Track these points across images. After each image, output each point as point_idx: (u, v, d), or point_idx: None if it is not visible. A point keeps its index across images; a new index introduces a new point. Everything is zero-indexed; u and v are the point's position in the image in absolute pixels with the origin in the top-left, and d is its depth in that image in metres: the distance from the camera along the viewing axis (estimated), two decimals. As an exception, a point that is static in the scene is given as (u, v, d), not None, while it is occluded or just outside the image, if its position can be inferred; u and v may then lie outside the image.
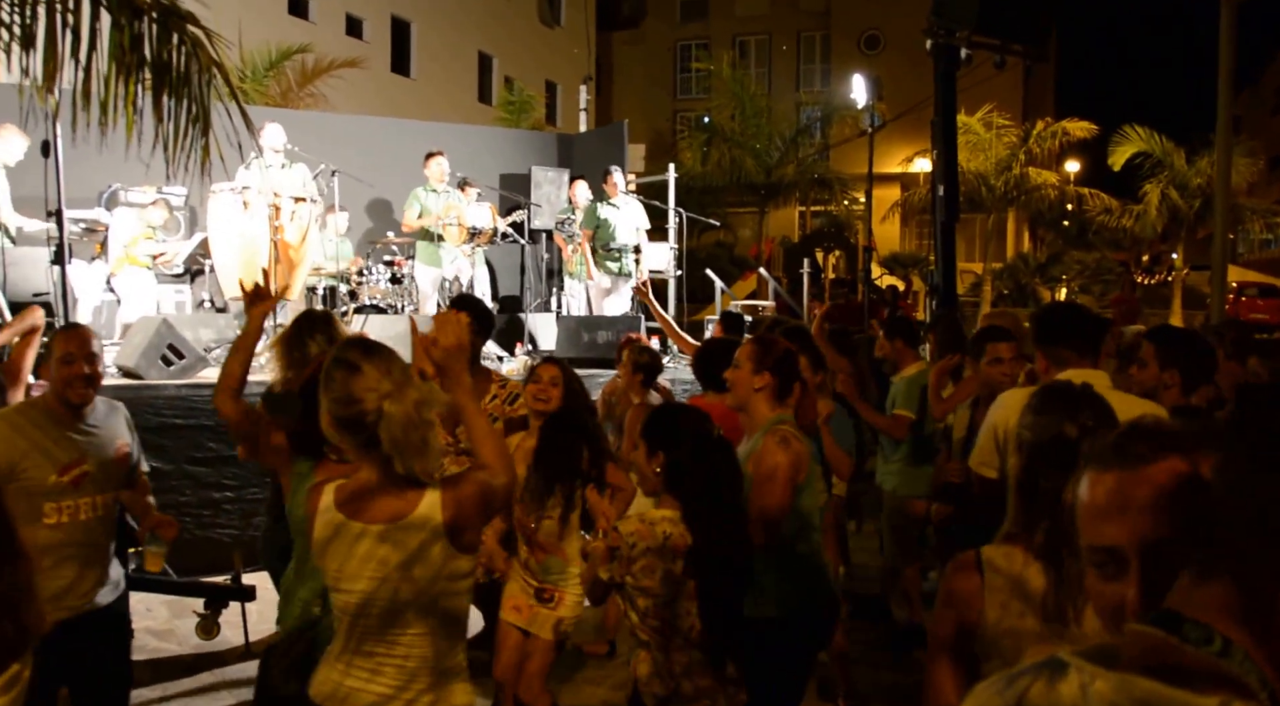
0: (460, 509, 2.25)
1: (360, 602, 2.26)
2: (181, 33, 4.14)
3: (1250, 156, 26.22)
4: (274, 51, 18.60)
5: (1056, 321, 3.36)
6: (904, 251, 30.22)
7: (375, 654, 2.29)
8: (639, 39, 39.13)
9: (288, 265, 7.95)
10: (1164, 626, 0.94)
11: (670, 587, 2.77)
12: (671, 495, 2.85)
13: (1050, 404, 2.12)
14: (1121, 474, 1.11)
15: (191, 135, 4.28)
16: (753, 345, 3.44)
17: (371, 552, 2.25)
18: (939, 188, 9.89)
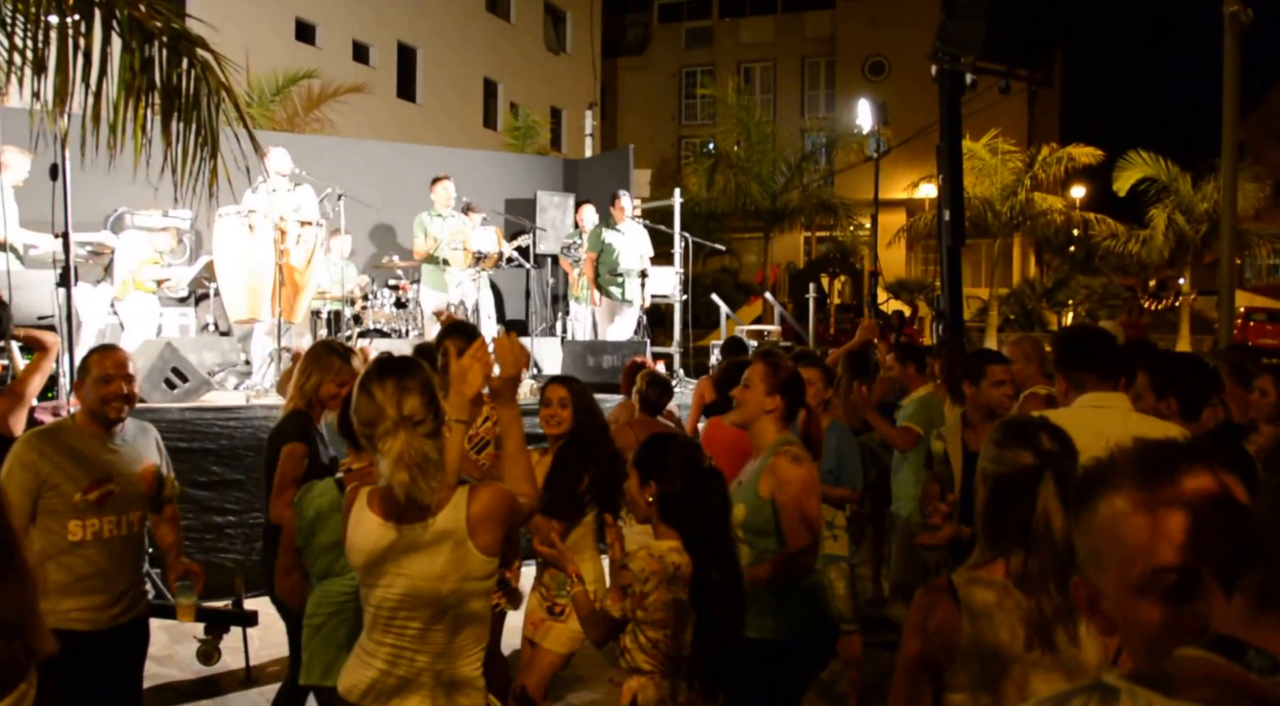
0: (482, 513, 2.39)
1: (385, 598, 2.39)
2: (191, 57, 4.16)
3: (1256, 182, 26.24)
4: (281, 77, 18.73)
5: (1077, 345, 3.33)
6: (910, 277, 30.25)
7: (401, 648, 2.41)
8: (644, 65, 39.37)
9: (292, 289, 7.96)
10: (1225, 652, 0.91)
11: (681, 617, 2.78)
12: (667, 524, 2.86)
13: (1010, 436, 2.16)
14: (1182, 490, 1.09)
15: (200, 158, 4.29)
16: (765, 367, 3.47)
17: (397, 551, 2.37)
18: (945, 213, 9.89)
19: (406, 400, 2.36)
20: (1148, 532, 1.08)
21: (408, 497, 2.34)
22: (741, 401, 3.40)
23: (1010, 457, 2.11)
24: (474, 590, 2.41)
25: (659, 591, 2.75)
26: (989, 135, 26.00)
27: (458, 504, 2.39)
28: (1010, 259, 31.57)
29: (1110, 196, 27.10)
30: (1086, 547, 1.15)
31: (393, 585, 2.39)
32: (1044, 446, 2.11)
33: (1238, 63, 12.17)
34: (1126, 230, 26.52)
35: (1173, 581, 1.07)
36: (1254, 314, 25.70)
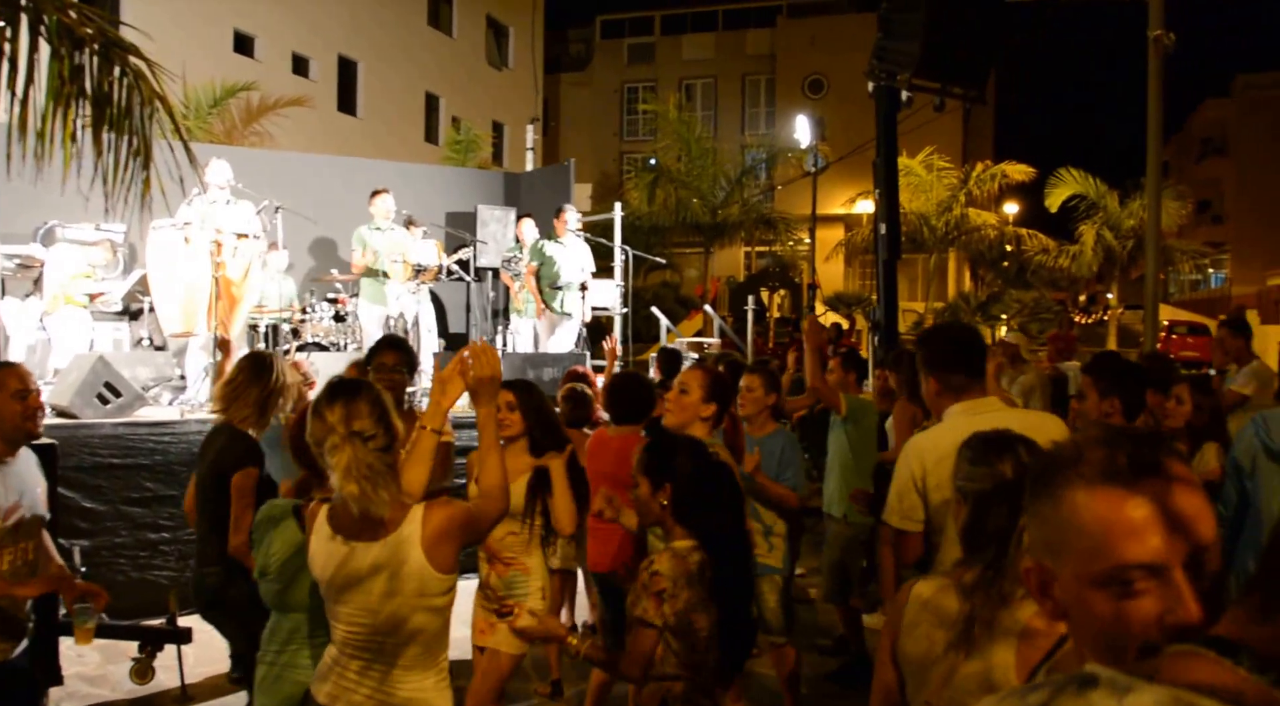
0: (437, 531, 2.44)
1: (347, 612, 2.47)
2: (124, 64, 4.08)
3: (1179, 200, 27.12)
4: (219, 89, 18.44)
5: (948, 347, 3.21)
6: (848, 290, 30.65)
7: (363, 659, 2.48)
8: (586, 81, 39.50)
9: (229, 302, 7.85)
10: (1217, 650, 0.92)
11: (709, 617, 2.76)
12: (682, 526, 2.84)
13: (986, 452, 2.19)
14: (1157, 486, 1.08)
15: (132, 169, 4.21)
16: (704, 375, 3.54)
17: (357, 567, 2.43)
18: (881, 227, 10.06)
19: (355, 418, 2.42)
20: (1115, 528, 1.07)
21: (362, 513, 2.38)
22: (680, 406, 3.47)
23: (988, 473, 2.15)
24: (429, 606, 2.46)
25: (687, 591, 2.72)
26: (925, 152, 26.53)
27: (413, 521, 2.43)
28: (946, 273, 32.17)
29: (1042, 213, 27.83)
30: (1044, 535, 1.14)
31: (350, 601, 2.46)
32: (1021, 459, 2.16)
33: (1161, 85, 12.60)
34: (1057, 246, 27.22)
35: (1138, 578, 1.06)
36: (1177, 327, 26.48)
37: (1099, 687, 0.91)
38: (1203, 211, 43.87)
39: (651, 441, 3.10)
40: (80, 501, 6.03)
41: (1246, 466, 3.88)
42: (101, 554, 6.06)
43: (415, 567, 2.41)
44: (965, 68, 9.93)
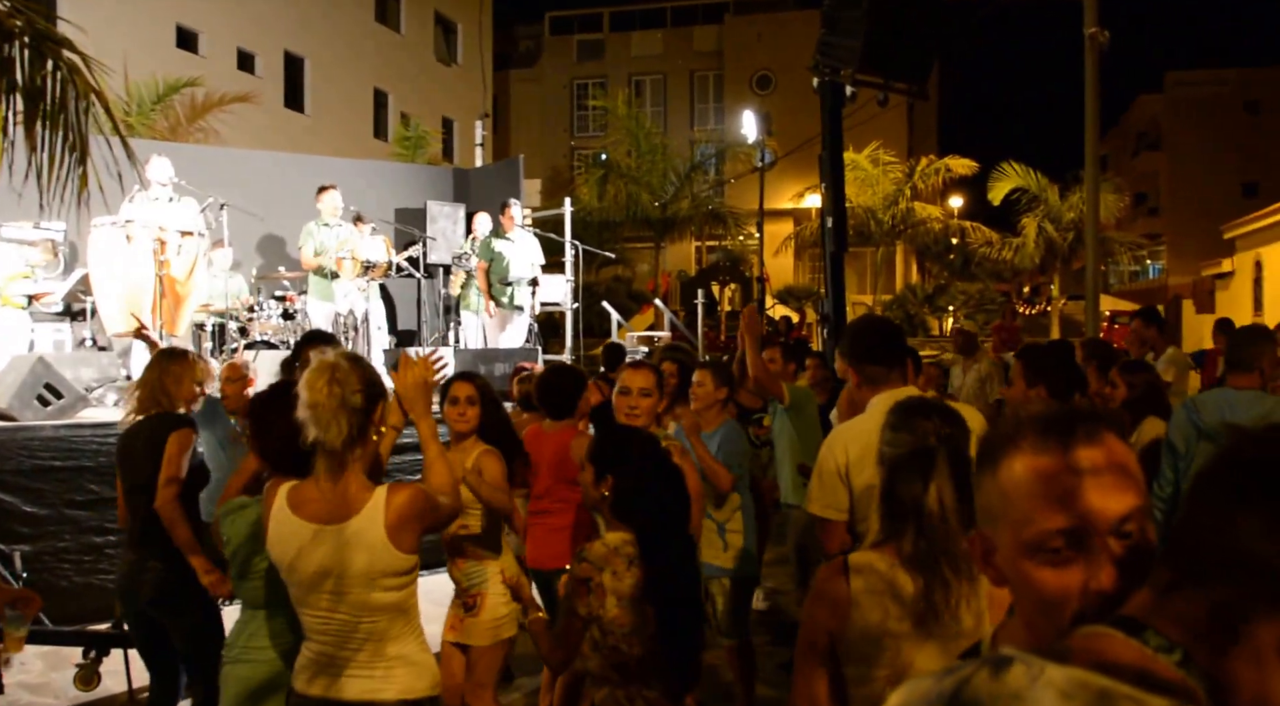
0: (399, 515, 2.50)
1: (314, 598, 2.51)
2: (57, 58, 4.01)
3: (1117, 193, 27.71)
4: (161, 85, 18.13)
5: (869, 340, 3.23)
6: (797, 284, 30.89)
7: (331, 639, 2.53)
8: (536, 77, 39.36)
9: (174, 301, 7.75)
10: (1124, 630, 0.94)
11: (640, 615, 2.67)
12: (619, 519, 2.77)
13: (905, 419, 2.24)
14: (1084, 455, 1.11)
15: (68, 165, 4.14)
16: (653, 374, 3.76)
17: (321, 549, 2.48)
18: (828, 220, 10.19)
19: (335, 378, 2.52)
20: (1042, 495, 1.11)
21: (335, 484, 2.50)
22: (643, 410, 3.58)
23: (905, 439, 2.19)
24: (391, 585, 2.52)
25: (619, 584, 2.65)
26: (871, 147, 26.84)
27: (376, 504, 2.49)
28: (893, 266, 32.56)
29: (985, 206, 28.29)
30: (984, 504, 1.18)
31: (316, 585, 2.50)
32: (938, 427, 2.20)
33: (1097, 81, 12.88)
34: (1000, 238, 27.68)
35: (1060, 544, 1.10)
36: (1118, 317, 27.07)
37: (1012, 669, 0.91)
38: (1140, 204, 44.81)
39: (605, 431, 3.13)
40: (21, 506, 5.92)
41: (1181, 448, 4.03)
42: (44, 559, 5.96)
43: (379, 548, 2.47)
44: (907, 63, 10.08)
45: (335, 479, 2.52)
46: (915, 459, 2.16)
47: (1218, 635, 0.91)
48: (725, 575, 4.50)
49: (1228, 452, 0.95)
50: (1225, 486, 0.93)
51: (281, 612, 2.82)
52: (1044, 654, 0.91)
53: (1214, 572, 0.91)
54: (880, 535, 2.21)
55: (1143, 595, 0.98)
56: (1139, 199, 44.60)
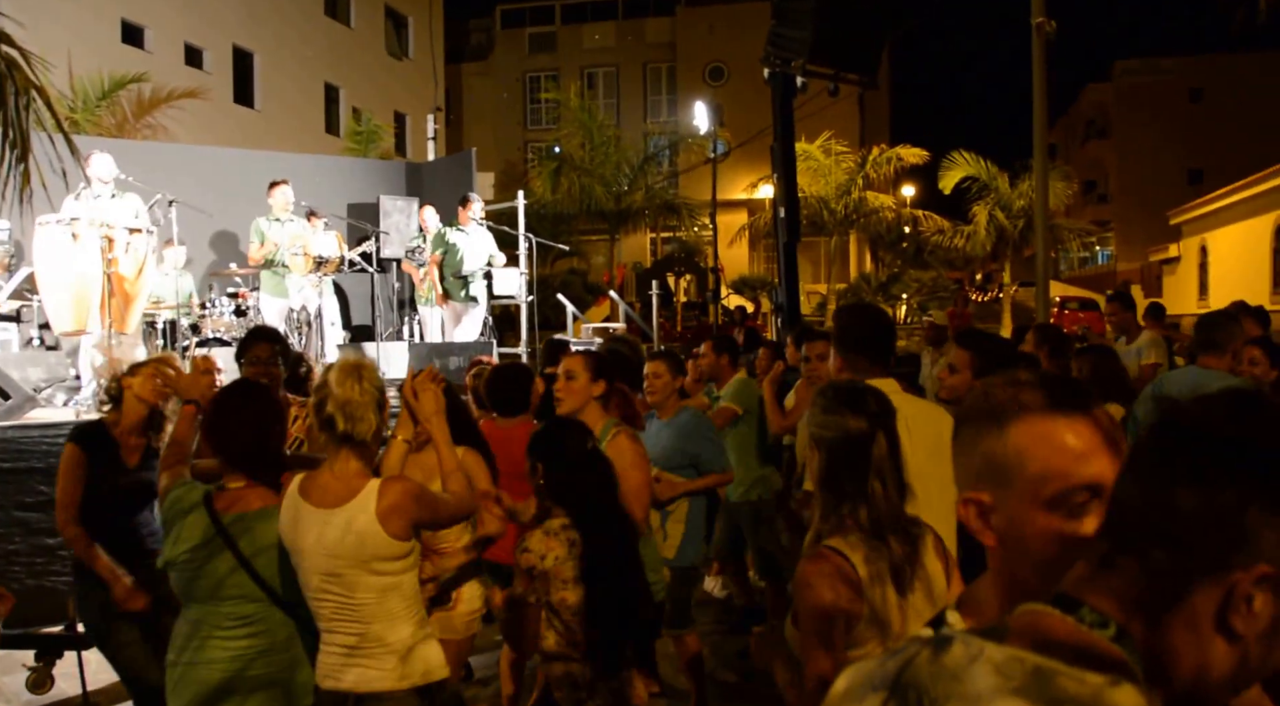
0: (390, 505, 2.65)
1: (317, 581, 2.66)
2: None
3: (1065, 180, 28.17)
4: (107, 80, 17.80)
5: (862, 332, 3.28)
6: (753, 274, 31.08)
7: (334, 621, 2.68)
8: (488, 71, 39.17)
9: (123, 299, 7.65)
10: (1061, 607, 0.96)
11: (582, 595, 2.86)
12: (558, 505, 2.97)
13: (840, 402, 2.30)
14: (1094, 415, 1.19)
15: (9, 161, 4.09)
16: (584, 358, 3.72)
17: (320, 530, 2.65)
18: (780, 210, 10.29)
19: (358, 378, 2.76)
20: (1066, 451, 1.16)
21: (339, 472, 2.70)
22: (568, 392, 3.60)
23: (841, 422, 2.25)
24: (385, 569, 2.67)
25: (563, 568, 2.84)
26: (823, 137, 27.02)
27: (369, 492, 2.67)
28: (847, 255, 32.86)
29: (937, 195, 28.62)
30: (987, 468, 1.20)
31: (317, 567, 2.66)
32: (872, 408, 2.28)
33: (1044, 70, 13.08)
34: (952, 226, 28.01)
35: (1085, 498, 1.15)
36: (1068, 303, 27.59)
37: (952, 650, 0.94)
38: (1089, 191, 45.59)
39: (543, 425, 3.26)
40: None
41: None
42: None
43: (369, 532, 2.63)
44: (857, 54, 10.20)
45: (347, 467, 2.71)
46: (855, 441, 2.23)
47: (1155, 606, 0.93)
48: (667, 564, 4.46)
49: (1161, 424, 0.97)
50: (1160, 457, 0.94)
51: (236, 610, 2.82)
52: (983, 633, 0.96)
53: (1151, 543, 0.93)
54: (823, 521, 2.26)
55: (1080, 568, 1.00)
56: (1088, 186, 45.35)
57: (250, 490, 2.87)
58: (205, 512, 2.85)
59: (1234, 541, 0.89)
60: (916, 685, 0.93)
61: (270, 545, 2.81)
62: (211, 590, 2.84)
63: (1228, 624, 0.91)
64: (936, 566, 2.26)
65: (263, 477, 2.91)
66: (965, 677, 0.91)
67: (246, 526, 2.83)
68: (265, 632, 2.82)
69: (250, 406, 2.94)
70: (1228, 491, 0.89)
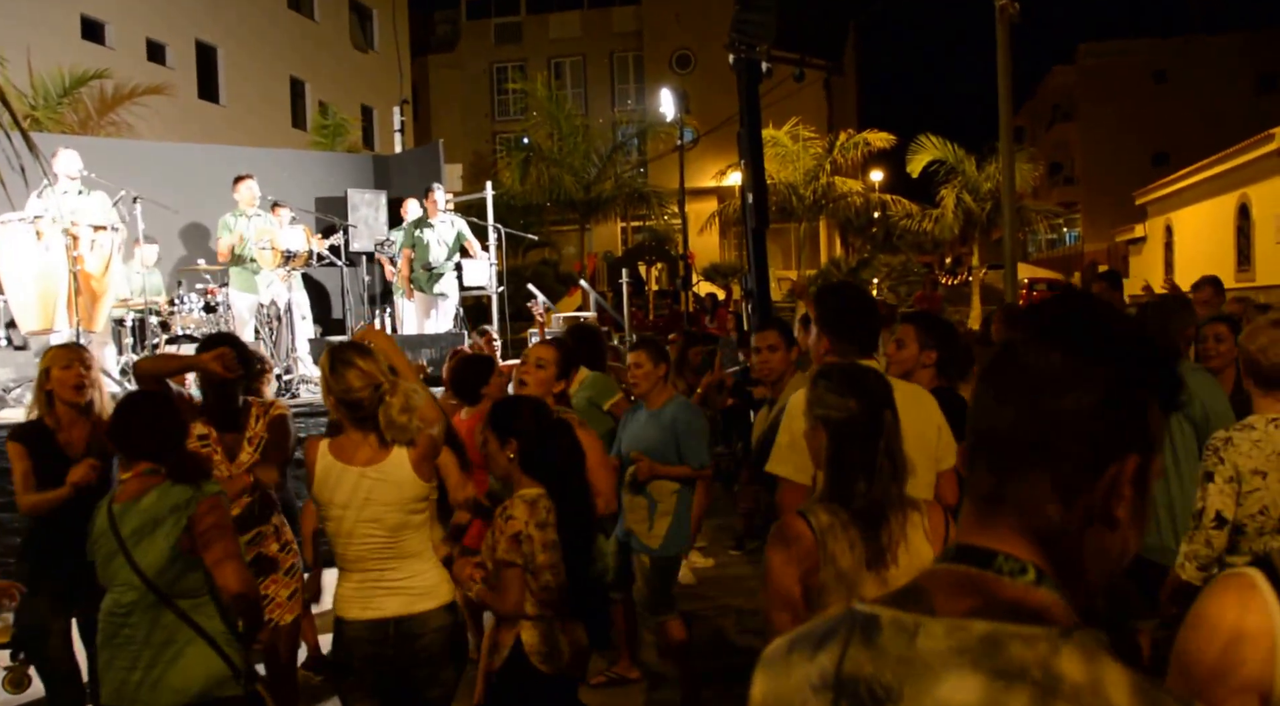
0: (420, 450, 3.14)
1: (363, 529, 3.08)
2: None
3: (1032, 163, 28.43)
4: (68, 77, 17.59)
5: (850, 319, 3.25)
6: (724, 261, 31.15)
7: (380, 563, 3.11)
8: (455, 63, 38.95)
9: (90, 297, 7.61)
10: (974, 561, 0.94)
11: (557, 559, 3.07)
12: (530, 476, 3.14)
13: (844, 383, 2.35)
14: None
15: (-34, 158, 4.07)
16: (558, 350, 3.81)
17: (357, 483, 3.08)
18: (748, 196, 10.31)
19: (381, 363, 3.18)
20: None
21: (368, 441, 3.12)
22: (534, 381, 3.72)
23: (848, 403, 2.30)
24: (418, 509, 3.14)
25: (542, 532, 3.03)
26: (790, 123, 27.12)
27: (401, 457, 3.12)
28: (817, 241, 33.00)
29: (905, 178, 28.80)
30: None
31: (361, 515, 3.06)
32: (876, 388, 2.35)
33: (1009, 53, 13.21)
34: (920, 210, 28.20)
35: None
36: (1036, 284, 27.84)
37: (884, 632, 0.90)
38: (1055, 174, 46.01)
39: (499, 402, 3.39)
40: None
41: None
42: (-34, 561, 5.86)
43: (408, 479, 3.10)
44: (822, 39, 10.24)
45: (377, 435, 3.12)
46: (863, 421, 2.28)
47: (1053, 527, 0.93)
48: (646, 553, 4.55)
49: (1009, 344, 0.97)
50: (1023, 374, 0.94)
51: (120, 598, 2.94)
52: (904, 604, 0.92)
53: (1036, 462, 0.93)
54: (828, 496, 2.32)
55: (968, 514, 0.99)
56: (1054, 168, 45.77)
57: (139, 480, 3.00)
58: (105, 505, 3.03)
59: (1114, 437, 0.91)
60: (863, 678, 0.90)
61: (144, 532, 2.92)
62: (108, 579, 2.98)
63: (1111, 515, 0.93)
64: (926, 546, 2.31)
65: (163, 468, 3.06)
66: (914, 658, 0.88)
67: (127, 513, 2.96)
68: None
69: (149, 409, 3.15)
70: (1100, 389, 0.91)
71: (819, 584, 2.23)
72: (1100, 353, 0.93)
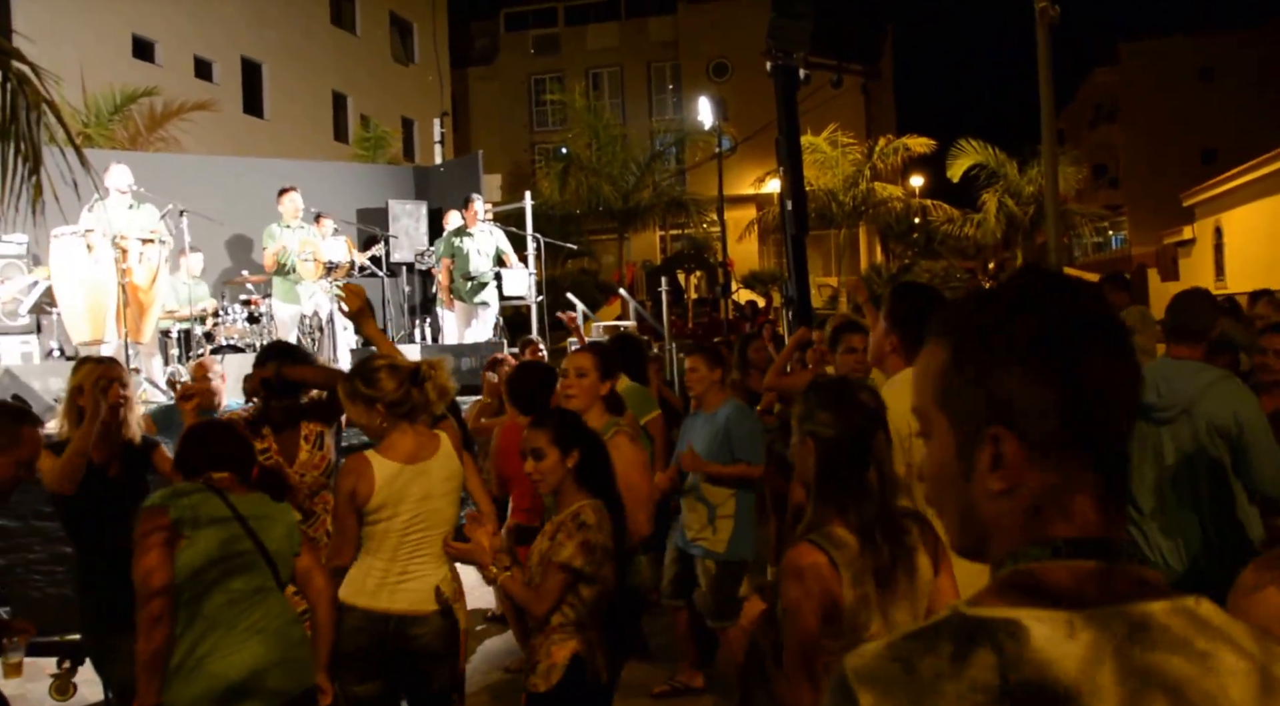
0: (456, 440, 3.44)
1: (420, 521, 3.24)
2: (5, 69, 4.03)
3: (1075, 165, 28.03)
4: (119, 95, 17.98)
5: (919, 318, 3.05)
6: (763, 269, 31.00)
7: (427, 550, 3.27)
8: (494, 74, 39.22)
9: (138, 308, 7.74)
10: (1098, 555, 0.91)
11: (613, 571, 3.06)
12: (584, 489, 3.09)
13: (838, 399, 2.30)
14: None
15: (21, 174, 4.15)
16: (595, 356, 3.73)
17: (413, 479, 3.25)
18: (787, 203, 10.28)
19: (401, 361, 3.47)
20: None
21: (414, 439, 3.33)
22: (579, 390, 3.64)
23: (838, 419, 2.24)
24: (459, 496, 3.42)
25: (604, 542, 3.00)
26: (829, 129, 26.96)
27: (444, 441, 3.38)
28: (857, 247, 32.73)
29: (945, 183, 28.52)
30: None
31: (419, 506, 3.23)
32: (869, 405, 2.28)
33: (1049, 55, 13.07)
34: (962, 215, 27.90)
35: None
36: (1083, 288, 27.40)
37: (1033, 633, 0.84)
38: (1100, 176, 45.32)
39: (551, 413, 3.33)
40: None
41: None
42: (15, 571, 5.96)
43: (457, 467, 3.37)
44: (858, 45, 10.27)
45: (416, 432, 3.32)
46: (854, 438, 2.23)
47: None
48: (711, 557, 4.54)
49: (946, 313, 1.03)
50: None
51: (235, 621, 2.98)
52: (1033, 599, 0.87)
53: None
54: (816, 515, 2.26)
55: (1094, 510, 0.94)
56: (1098, 171, 45.09)
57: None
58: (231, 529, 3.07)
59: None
60: (1039, 685, 0.81)
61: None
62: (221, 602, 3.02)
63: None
64: (924, 559, 2.27)
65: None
66: (1082, 656, 0.82)
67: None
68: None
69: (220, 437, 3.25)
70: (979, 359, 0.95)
71: (842, 610, 2.18)
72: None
